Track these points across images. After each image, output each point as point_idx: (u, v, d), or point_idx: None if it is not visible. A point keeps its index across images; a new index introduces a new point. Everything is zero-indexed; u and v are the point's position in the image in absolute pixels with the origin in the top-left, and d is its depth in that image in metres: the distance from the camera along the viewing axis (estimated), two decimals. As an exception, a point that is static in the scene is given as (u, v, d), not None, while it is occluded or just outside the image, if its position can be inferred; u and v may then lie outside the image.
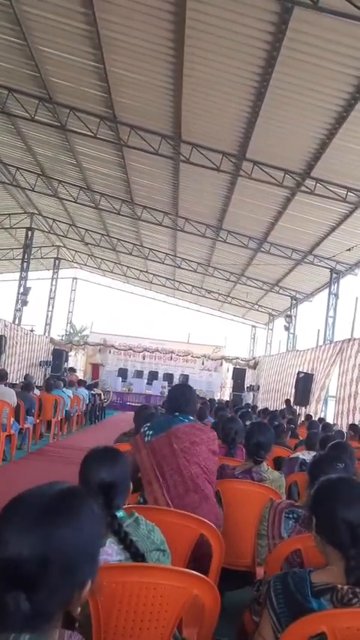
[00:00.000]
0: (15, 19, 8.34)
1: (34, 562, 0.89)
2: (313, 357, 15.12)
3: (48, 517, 0.94)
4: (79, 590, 0.97)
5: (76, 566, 0.94)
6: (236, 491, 3.03)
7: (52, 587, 0.91)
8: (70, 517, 0.96)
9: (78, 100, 10.64)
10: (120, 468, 1.85)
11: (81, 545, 0.96)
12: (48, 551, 0.90)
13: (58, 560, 0.91)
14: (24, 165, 15.30)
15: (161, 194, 14.31)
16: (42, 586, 0.89)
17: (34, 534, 0.91)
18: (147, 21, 7.64)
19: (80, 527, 0.96)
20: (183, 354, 23.79)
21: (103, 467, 1.82)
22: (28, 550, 0.89)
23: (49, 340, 22.85)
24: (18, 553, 0.89)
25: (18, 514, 0.93)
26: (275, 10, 6.73)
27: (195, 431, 2.85)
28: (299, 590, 1.43)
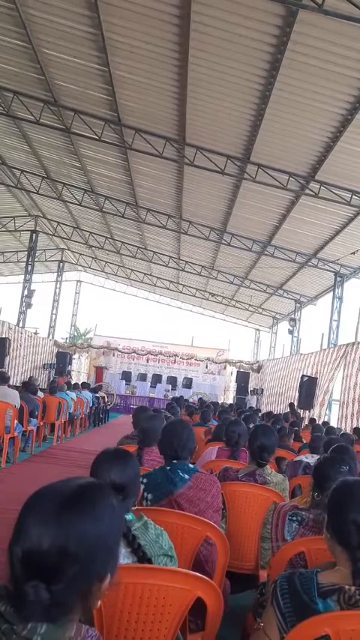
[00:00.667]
0: (20, 22, 8.39)
1: (54, 553, 0.92)
2: (317, 361, 15.08)
3: (68, 509, 0.97)
4: (99, 583, 0.99)
5: (95, 557, 0.97)
6: (240, 494, 3.02)
7: (71, 578, 0.93)
8: (89, 509, 0.99)
9: (83, 102, 10.68)
10: (130, 470, 1.86)
11: (100, 537, 0.98)
12: (68, 542, 0.93)
13: (78, 551, 0.94)
14: (29, 168, 15.36)
15: (165, 197, 14.33)
16: (61, 576, 0.92)
17: (54, 526, 0.93)
18: (152, 24, 7.66)
19: (100, 520, 0.99)
20: (187, 357, 23.77)
21: (113, 468, 1.82)
22: (48, 541, 0.92)
23: (53, 343, 22.88)
24: (39, 544, 0.92)
25: (39, 506, 0.96)
26: (280, 13, 6.74)
27: (199, 493, 2.63)
28: (305, 590, 1.42)
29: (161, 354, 23.76)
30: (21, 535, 0.93)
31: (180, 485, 2.59)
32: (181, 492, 2.58)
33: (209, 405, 11.09)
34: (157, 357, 23.75)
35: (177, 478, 2.62)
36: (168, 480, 2.62)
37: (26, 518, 0.95)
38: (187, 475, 2.64)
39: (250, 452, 3.41)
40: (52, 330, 24.87)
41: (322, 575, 1.46)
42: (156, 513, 1.94)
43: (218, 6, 6.88)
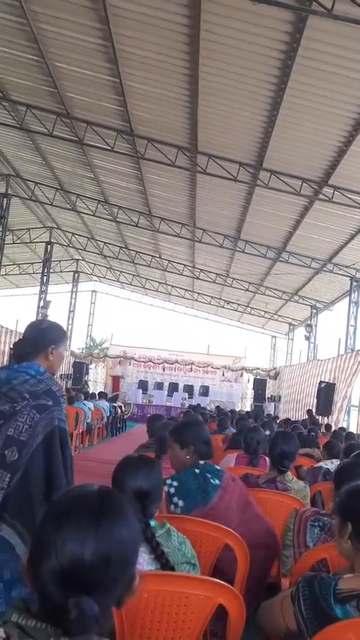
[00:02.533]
0: (32, 37, 8.52)
1: (97, 563, 0.89)
2: (335, 367, 14.94)
3: (103, 516, 0.94)
4: (130, 586, 0.98)
5: (131, 560, 0.96)
6: (260, 501, 2.98)
7: (112, 585, 0.92)
8: (121, 513, 0.97)
9: (95, 114, 10.79)
10: (155, 477, 1.86)
11: (133, 538, 0.98)
12: (109, 550, 0.91)
13: (118, 557, 0.92)
14: (43, 180, 15.53)
15: (179, 205, 14.38)
16: (106, 586, 0.90)
17: (94, 536, 0.91)
18: (162, 34, 7.73)
19: (130, 521, 0.98)
20: (203, 365, 23.72)
21: (139, 475, 1.82)
22: (90, 552, 0.89)
23: (70, 353, 22.99)
24: (80, 558, 0.88)
25: (70, 519, 0.92)
26: (289, 19, 6.75)
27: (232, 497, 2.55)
28: (323, 596, 1.40)
29: (177, 363, 23.75)
30: (54, 551, 0.89)
31: (212, 494, 2.49)
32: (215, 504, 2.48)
33: (226, 412, 11.04)
34: (173, 366, 23.74)
35: (209, 485, 2.51)
36: (200, 488, 2.50)
37: (59, 535, 0.90)
38: (218, 480, 2.55)
39: (271, 459, 3.37)
40: (69, 340, 25.02)
41: (343, 581, 1.43)
42: (172, 520, 1.93)
43: (228, 15, 6.91)
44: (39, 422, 2.10)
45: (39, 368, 2.25)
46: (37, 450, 2.08)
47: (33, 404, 2.13)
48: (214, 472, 2.58)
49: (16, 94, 10.91)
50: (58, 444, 2.12)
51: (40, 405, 2.13)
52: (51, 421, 2.12)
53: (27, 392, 2.16)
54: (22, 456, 2.05)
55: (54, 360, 2.34)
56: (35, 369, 2.24)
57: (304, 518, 2.43)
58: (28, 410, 2.11)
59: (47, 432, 2.10)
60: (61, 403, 2.21)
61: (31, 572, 0.91)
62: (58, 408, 2.17)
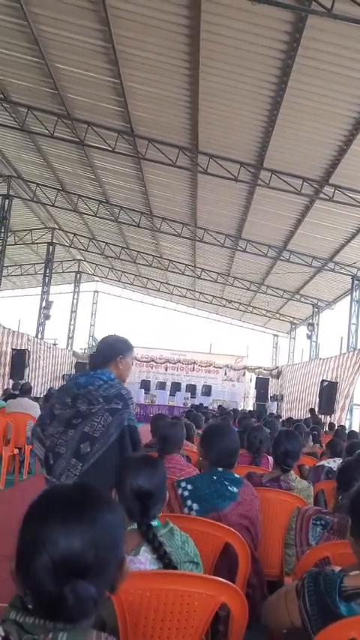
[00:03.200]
0: (33, 38, 8.54)
1: (87, 550, 0.93)
2: (337, 365, 14.93)
3: (84, 504, 0.98)
4: (121, 568, 1.01)
5: (117, 541, 1.00)
6: (263, 500, 2.99)
7: (104, 568, 0.95)
8: (99, 499, 1.01)
9: (96, 115, 10.81)
10: (158, 477, 1.86)
11: (116, 521, 1.01)
12: (95, 534, 0.94)
13: (104, 540, 0.96)
14: (44, 182, 15.56)
15: (180, 205, 14.39)
16: (98, 569, 0.94)
17: (80, 524, 0.94)
18: (162, 35, 7.74)
19: (110, 506, 1.02)
20: (205, 364, 23.73)
21: (141, 475, 1.83)
22: (78, 541, 0.92)
23: (72, 353, 23.02)
24: (69, 547, 0.92)
25: (53, 514, 0.95)
26: (289, 19, 6.77)
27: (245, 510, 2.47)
28: (328, 592, 1.40)
29: (179, 362, 23.76)
30: (44, 545, 0.91)
31: (228, 501, 2.43)
32: (229, 512, 2.42)
33: (229, 412, 11.05)
34: (175, 366, 23.76)
35: (226, 492, 2.44)
36: (216, 493, 2.44)
37: (47, 528, 0.93)
38: (236, 488, 2.48)
39: (275, 457, 3.38)
40: (71, 340, 25.05)
41: (349, 579, 1.44)
42: (173, 519, 1.94)
43: (227, 15, 6.92)
44: (111, 423, 2.50)
45: (110, 374, 2.66)
46: (112, 446, 2.46)
47: (106, 407, 2.53)
48: (232, 480, 2.51)
49: (17, 96, 10.93)
50: (128, 441, 2.49)
51: (112, 408, 2.53)
52: (121, 422, 2.52)
53: (101, 396, 2.56)
54: (94, 450, 2.45)
55: (122, 369, 2.75)
56: (107, 375, 2.65)
57: (306, 516, 2.44)
58: (102, 412, 2.52)
59: (120, 432, 2.50)
60: (129, 405, 2.60)
61: (22, 573, 0.93)
62: (127, 410, 2.57)
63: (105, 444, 2.45)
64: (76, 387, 2.64)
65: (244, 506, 2.48)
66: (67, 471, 2.44)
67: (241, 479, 2.59)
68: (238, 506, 2.46)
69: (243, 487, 2.52)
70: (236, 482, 2.52)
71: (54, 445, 2.52)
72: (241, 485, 2.53)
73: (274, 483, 3.22)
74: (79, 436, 2.47)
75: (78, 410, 2.53)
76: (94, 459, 2.43)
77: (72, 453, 2.46)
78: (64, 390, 2.75)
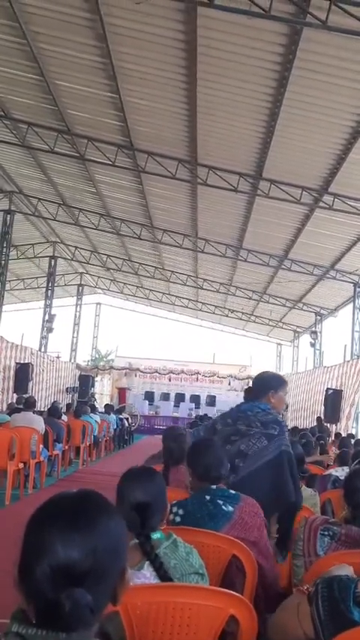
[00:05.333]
0: (32, 56, 8.65)
1: (85, 556, 0.92)
2: (341, 373, 14.89)
3: (84, 512, 0.98)
4: (122, 577, 1.00)
5: (117, 550, 0.98)
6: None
7: (103, 577, 0.94)
8: (100, 507, 1.01)
9: (95, 130, 10.91)
10: (155, 488, 1.84)
11: (117, 529, 1.00)
12: (94, 541, 0.94)
13: (104, 547, 0.95)
14: (45, 196, 15.67)
15: (180, 217, 14.47)
16: (95, 578, 0.93)
17: (79, 531, 0.94)
18: (159, 50, 7.85)
19: (111, 514, 1.01)
20: (209, 374, 23.69)
21: (138, 486, 1.81)
22: (77, 548, 0.92)
23: (75, 366, 23.02)
24: (68, 555, 0.92)
25: (55, 520, 0.96)
26: (284, 32, 6.85)
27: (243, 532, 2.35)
28: (342, 598, 1.39)
29: (183, 373, 23.72)
30: (43, 552, 0.92)
31: (223, 522, 2.32)
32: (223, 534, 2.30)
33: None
34: (179, 376, 23.71)
35: (219, 513, 2.34)
36: (209, 515, 2.33)
37: (47, 536, 0.93)
38: (231, 507, 2.37)
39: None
40: (74, 353, 25.07)
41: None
42: (178, 532, 1.93)
43: (223, 29, 7.01)
44: (267, 447, 2.80)
45: (266, 405, 2.97)
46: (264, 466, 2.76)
47: (264, 431, 2.83)
48: (228, 498, 2.40)
49: (18, 113, 11.05)
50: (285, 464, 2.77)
51: (268, 433, 2.82)
52: (279, 446, 2.81)
53: (259, 420, 2.87)
54: (245, 466, 2.76)
55: (275, 402, 3.03)
56: (264, 405, 2.97)
57: (313, 527, 2.43)
58: (259, 435, 2.83)
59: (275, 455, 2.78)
60: (284, 432, 2.90)
61: (22, 580, 0.93)
62: (282, 436, 2.86)
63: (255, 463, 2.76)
64: (237, 411, 3.02)
65: (241, 526, 2.37)
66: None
67: (238, 495, 2.46)
68: (235, 526, 2.35)
69: (240, 504, 2.41)
70: (232, 500, 2.40)
71: None
72: (238, 502, 2.41)
73: None
74: (235, 452, 2.80)
75: (237, 429, 2.88)
76: (244, 474, 2.75)
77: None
78: (227, 413, 3.17)
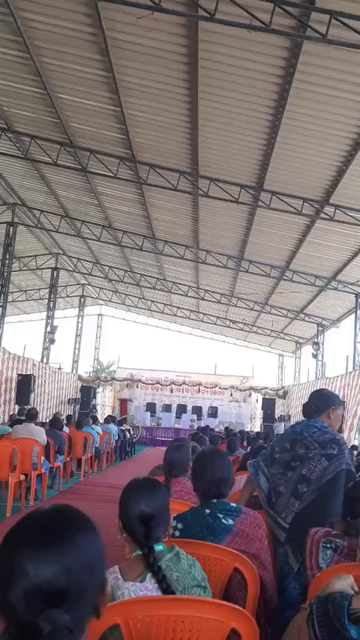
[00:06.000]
0: (36, 70, 8.75)
1: (60, 576, 0.89)
2: (344, 384, 14.85)
3: (57, 529, 0.95)
4: (102, 591, 0.97)
5: (94, 566, 0.95)
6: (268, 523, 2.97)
7: (81, 595, 0.91)
8: (74, 522, 0.98)
9: (98, 142, 11.00)
10: (159, 499, 1.84)
11: (92, 544, 0.97)
12: (68, 560, 0.91)
13: (79, 564, 0.92)
14: (48, 208, 15.76)
15: (182, 228, 14.53)
16: (72, 597, 0.90)
17: (50, 550, 0.91)
18: (161, 64, 7.93)
19: (86, 529, 0.98)
20: (211, 385, 23.62)
21: (141, 498, 1.81)
22: (50, 568, 0.89)
23: (77, 377, 23.00)
24: (40, 575, 0.88)
25: (26, 541, 0.92)
26: (285, 45, 6.93)
27: (244, 544, 2.33)
28: (337, 616, 1.38)
29: (185, 384, 23.68)
30: (15, 575, 0.88)
31: (223, 536, 2.30)
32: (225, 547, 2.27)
33: (236, 433, 10.97)
34: (180, 387, 23.66)
35: (220, 527, 2.31)
36: (209, 529, 2.30)
37: (18, 558, 0.90)
38: (231, 519, 2.35)
39: None
40: (76, 364, 25.05)
41: (357, 600, 1.42)
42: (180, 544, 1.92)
43: (224, 43, 7.10)
44: (328, 467, 2.75)
45: (323, 423, 2.92)
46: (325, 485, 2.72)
47: (323, 452, 2.79)
48: (228, 511, 2.38)
49: (21, 126, 11.15)
50: (342, 483, 2.70)
51: (328, 454, 2.78)
52: (339, 466, 2.75)
53: (316, 442, 2.83)
54: (310, 490, 2.72)
55: (334, 419, 3.00)
56: (320, 424, 2.91)
57: (315, 539, 2.41)
58: (318, 457, 2.78)
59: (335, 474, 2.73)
60: (344, 450, 2.83)
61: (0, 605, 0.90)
62: (342, 455, 2.79)
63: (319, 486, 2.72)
64: (293, 433, 2.95)
65: (242, 538, 2.35)
66: (286, 509, 2.74)
67: (239, 508, 2.45)
68: (235, 538, 2.33)
69: (241, 517, 2.39)
70: (232, 513, 2.38)
71: (275, 485, 2.84)
72: (239, 515, 2.39)
73: None
74: (298, 477, 2.76)
75: (296, 453, 2.83)
76: (310, 499, 2.71)
77: (291, 493, 2.75)
78: (282, 437, 3.08)
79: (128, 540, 1.81)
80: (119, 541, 1.84)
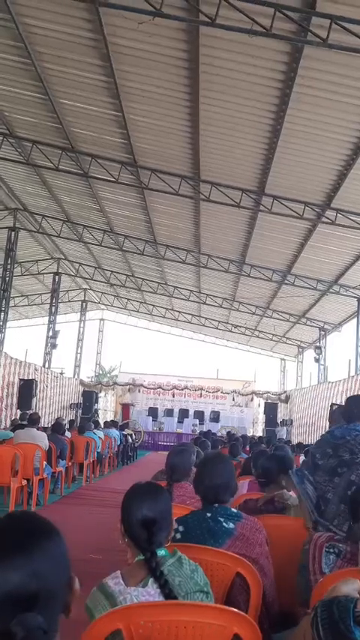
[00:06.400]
0: (37, 76, 8.78)
1: (29, 580, 0.91)
2: (346, 388, 14.82)
3: (20, 537, 0.96)
4: (70, 590, 0.99)
5: (59, 566, 0.97)
6: (270, 528, 2.95)
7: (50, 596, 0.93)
8: (35, 527, 1.00)
9: (99, 147, 11.03)
10: (161, 504, 1.83)
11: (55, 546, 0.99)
12: (33, 565, 0.92)
13: (44, 568, 0.93)
14: (50, 213, 15.79)
15: (183, 233, 14.54)
16: (42, 599, 0.91)
17: (17, 558, 0.92)
18: (162, 69, 7.96)
19: (49, 531, 1.00)
20: (213, 390, 23.60)
21: (144, 502, 1.80)
22: (17, 573, 0.91)
23: (79, 382, 22.99)
24: (8, 582, 0.90)
25: None
26: (286, 50, 6.95)
27: (244, 548, 2.32)
28: (342, 619, 1.37)
29: (187, 389, 23.65)
30: None
31: (224, 539, 2.30)
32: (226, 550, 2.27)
33: (238, 438, 10.94)
34: (182, 392, 23.64)
35: (220, 530, 2.32)
36: (209, 532, 2.31)
37: None
38: (232, 523, 2.35)
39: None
40: (78, 369, 25.04)
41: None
42: (183, 549, 1.91)
43: (225, 48, 7.12)
44: None
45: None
46: None
47: None
48: (229, 516, 2.38)
49: (22, 131, 11.19)
50: None
51: None
52: None
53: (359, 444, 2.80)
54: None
55: None
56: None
57: (318, 544, 2.40)
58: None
59: None
60: None
61: None
62: None
63: None
64: (333, 438, 2.91)
65: (242, 542, 2.34)
66: (337, 516, 2.68)
67: (240, 513, 2.45)
68: (236, 542, 2.32)
69: (242, 521, 2.39)
70: (233, 518, 2.38)
71: (322, 492, 2.78)
72: (239, 520, 2.39)
73: (269, 506, 3.19)
74: (346, 483, 2.70)
75: (342, 459, 2.77)
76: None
77: (339, 499, 2.68)
78: (321, 443, 3.04)
79: (130, 545, 1.80)
80: (121, 546, 1.83)
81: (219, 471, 2.47)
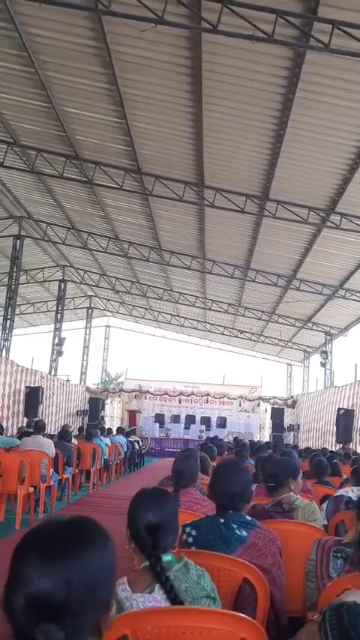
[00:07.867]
0: (41, 84, 8.86)
1: (59, 589, 0.88)
2: (353, 393, 14.75)
3: (67, 541, 0.94)
4: (106, 611, 0.95)
5: (98, 583, 0.94)
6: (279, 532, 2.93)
7: (80, 611, 0.90)
8: (86, 535, 0.97)
9: (103, 155, 11.08)
10: (167, 509, 1.83)
11: (102, 561, 0.95)
12: (71, 575, 0.90)
13: (81, 581, 0.90)
14: (54, 221, 15.86)
15: (188, 239, 14.56)
16: (70, 612, 0.88)
17: (54, 563, 0.90)
18: (165, 76, 8.00)
19: (98, 543, 0.97)
20: (219, 396, 23.53)
21: (149, 507, 1.80)
22: (51, 579, 0.88)
23: (85, 389, 23.00)
24: (42, 586, 0.88)
25: (34, 548, 0.93)
26: (288, 55, 6.97)
27: (256, 558, 2.27)
28: (352, 624, 1.35)
29: (193, 395, 23.59)
30: (20, 581, 0.89)
31: (235, 546, 2.28)
32: (237, 557, 2.24)
33: (244, 443, 10.90)
34: (189, 398, 23.58)
35: (233, 537, 2.30)
36: (221, 538, 2.29)
37: (23, 565, 0.90)
38: (245, 531, 2.33)
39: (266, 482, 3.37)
40: (84, 376, 25.06)
41: None
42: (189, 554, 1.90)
43: (227, 54, 7.15)
44: None
45: None
46: None
47: None
48: (242, 523, 2.35)
49: (27, 140, 11.26)
50: None
51: None
52: None
53: None
54: None
55: None
56: None
57: (326, 548, 2.38)
58: None
59: None
60: None
61: (4, 609, 0.90)
62: None
63: None
64: None
65: (254, 551, 2.32)
66: None
67: (254, 522, 2.42)
68: (247, 551, 2.29)
69: (255, 530, 2.36)
70: (247, 526, 2.36)
71: None
72: (253, 528, 2.36)
73: (277, 507, 3.17)
74: None
75: None
76: None
77: None
78: None
79: (136, 551, 1.79)
80: (129, 552, 1.83)
81: (235, 479, 2.46)
